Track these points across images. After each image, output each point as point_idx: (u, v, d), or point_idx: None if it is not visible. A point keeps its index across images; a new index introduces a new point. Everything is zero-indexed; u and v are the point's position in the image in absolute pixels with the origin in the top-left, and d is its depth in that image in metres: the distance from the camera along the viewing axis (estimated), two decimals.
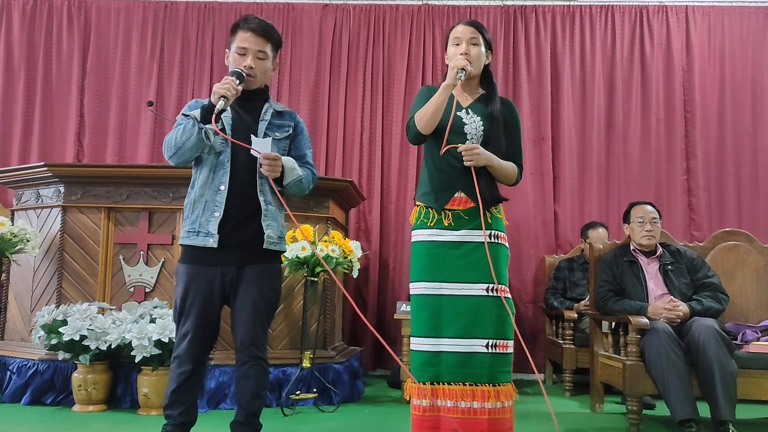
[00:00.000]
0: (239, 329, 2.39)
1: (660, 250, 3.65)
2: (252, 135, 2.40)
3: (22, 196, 4.08)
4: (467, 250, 2.51)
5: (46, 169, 3.80)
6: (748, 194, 5.32)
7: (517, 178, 2.67)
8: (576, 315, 4.39)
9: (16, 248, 3.70)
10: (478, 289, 2.48)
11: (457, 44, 2.57)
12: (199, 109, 2.31)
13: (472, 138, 2.55)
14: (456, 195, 2.54)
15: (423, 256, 2.54)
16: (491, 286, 2.48)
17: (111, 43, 5.65)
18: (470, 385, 2.44)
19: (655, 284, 3.56)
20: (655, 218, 3.63)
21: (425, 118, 2.49)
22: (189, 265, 2.39)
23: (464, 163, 2.46)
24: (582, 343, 4.29)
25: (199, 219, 2.37)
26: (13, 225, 3.76)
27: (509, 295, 2.55)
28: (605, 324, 3.77)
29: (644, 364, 3.20)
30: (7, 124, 5.55)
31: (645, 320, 3.24)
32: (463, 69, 2.45)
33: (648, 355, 3.17)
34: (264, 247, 2.40)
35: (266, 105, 2.53)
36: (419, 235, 2.57)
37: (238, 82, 2.32)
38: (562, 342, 4.40)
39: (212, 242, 2.34)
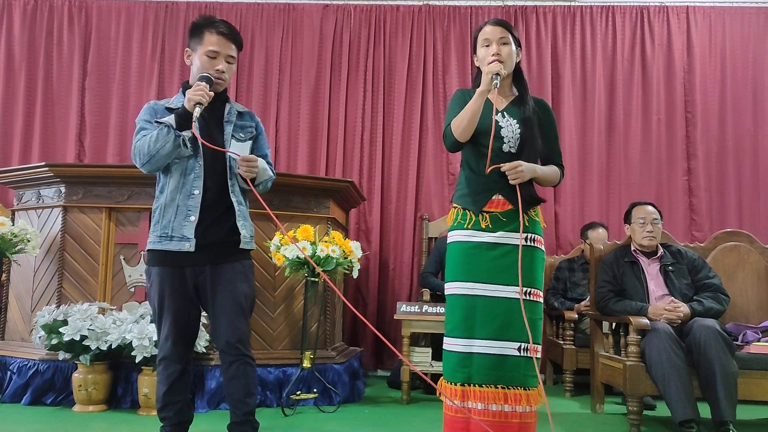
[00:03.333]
0: (223, 328, 2.39)
1: (661, 250, 3.65)
2: (230, 140, 2.44)
3: (23, 196, 4.09)
4: (503, 252, 2.48)
5: (47, 169, 3.80)
6: (749, 195, 5.32)
7: (559, 179, 2.65)
8: (576, 315, 4.39)
9: (17, 248, 3.70)
10: (511, 292, 2.45)
11: (487, 45, 2.52)
12: (172, 116, 2.31)
13: (509, 141, 2.52)
14: (494, 197, 2.52)
15: (459, 256, 2.53)
16: (525, 289, 2.46)
17: (112, 43, 5.65)
18: (502, 387, 2.42)
19: (655, 285, 3.56)
20: (656, 219, 3.63)
21: (462, 125, 2.47)
22: (161, 268, 2.40)
23: (510, 182, 2.44)
24: (582, 344, 4.29)
25: (172, 224, 2.37)
26: (13, 225, 3.76)
27: (541, 300, 2.53)
28: (606, 324, 3.77)
29: (645, 365, 3.20)
30: (8, 124, 5.55)
31: (645, 321, 3.24)
32: (497, 74, 2.42)
33: (649, 356, 3.16)
34: (240, 246, 2.42)
35: (228, 106, 2.54)
36: (456, 236, 2.55)
37: (209, 87, 2.32)
38: (562, 342, 4.40)
39: (189, 246, 2.35)
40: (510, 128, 2.53)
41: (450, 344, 2.50)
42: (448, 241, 2.60)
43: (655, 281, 3.57)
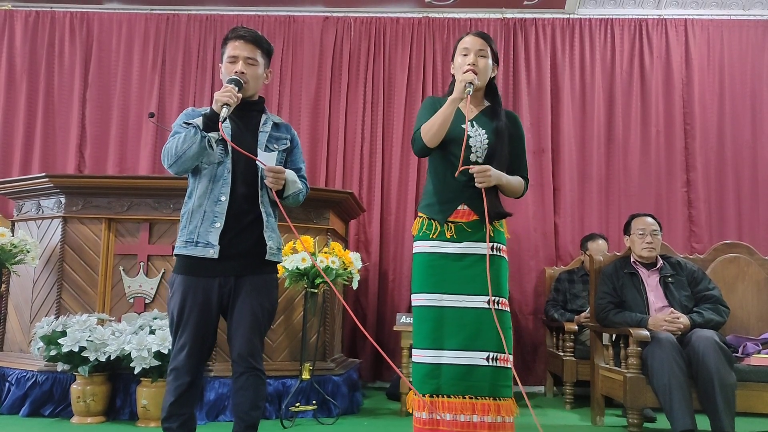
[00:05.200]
0: (237, 340, 2.38)
1: (660, 262, 3.65)
2: (259, 150, 2.43)
3: (23, 206, 4.09)
4: (470, 262, 2.50)
5: (47, 179, 3.80)
6: (748, 206, 5.32)
7: (523, 191, 2.68)
8: (576, 327, 4.38)
9: (17, 259, 3.70)
10: (480, 302, 2.47)
11: (465, 54, 2.56)
12: (200, 117, 2.31)
13: (476, 151, 2.55)
14: (459, 207, 2.54)
15: (425, 268, 2.54)
16: (493, 298, 2.48)
17: (113, 55, 5.67)
18: (470, 398, 2.42)
19: (655, 296, 3.56)
20: (655, 230, 3.64)
21: (432, 131, 2.49)
22: (185, 276, 2.38)
23: (476, 184, 2.47)
24: (582, 356, 4.27)
25: (198, 229, 2.37)
26: (13, 236, 3.76)
27: (508, 309, 2.55)
28: (606, 336, 3.76)
29: (646, 376, 3.19)
30: (9, 135, 5.56)
31: (646, 332, 3.23)
32: (471, 83, 2.45)
33: (651, 366, 3.15)
34: (266, 258, 2.41)
35: (264, 116, 2.54)
36: (421, 247, 2.57)
37: (237, 89, 2.32)
38: (562, 354, 4.39)
39: (213, 253, 2.34)
40: (478, 138, 2.56)
41: (419, 356, 2.50)
42: (414, 251, 2.61)
43: (655, 293, 3.57)
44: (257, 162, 2.37)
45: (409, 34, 5.59)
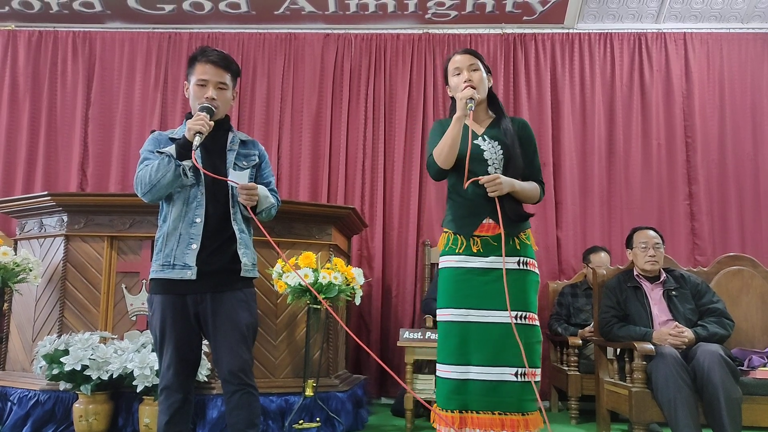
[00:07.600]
0: (225, 357, 2.37)
1: (664, 275, 3.64)
2: (230, 169, 2.46)
3: (26, 225, 4.09)
4: (495, 276, 2.49)
5: (49, 198, 3.81)
6: (751, 218, 5.31)
7: (540, 196, 2.68)
8: (581, 341, 4.36)
9: (19, 278, 3.69)
10: (505, 317, 2.45)
11: (458, 74, 2.59)
12: (173, 146, 2.34)
13: (494, 163, 2.56)
14: (484, 221, 2.54)
15: (451, 283, 2.54)
16: (519, 313, 2.46)
17: (115, 74, 5.71)
18: (499, 414, 2.41)
19: (659, 310, 3.54)
20: (658, 243, 3.63)
21: (444, 152, 2.51)
22: (163, 296, 2.39)
23: (488, 194, 2.48)
24: (587, 370, 4.25)
25: (174, 252, 2.37)
26: (16, 254, 3.76)
27: (536, 323, 2.53)
28: (610, 350, 3.74)
29: (651, 390, 3.17)
30: (12, 153, 5.58)
31: (650, 346, 3.22)
32: (471, 98, 2.47)
33: (656, 381, 3.14)
34: (241, 274, 2.42)
35: (231, 135, 2.56)
36: (447, 261, 2.57)
37: (209, 117, 2.35)
38: (567, 369, 4.36)
39: (190, 274, 2.35)
40: (492, 150, 2.58)
41: (444, 371, 2.49)
42: (439, 266, 2.61)
43: (659, 306, 3.56)
44: (230, 182, 2.39)
45: (410, 50, 5.62)
